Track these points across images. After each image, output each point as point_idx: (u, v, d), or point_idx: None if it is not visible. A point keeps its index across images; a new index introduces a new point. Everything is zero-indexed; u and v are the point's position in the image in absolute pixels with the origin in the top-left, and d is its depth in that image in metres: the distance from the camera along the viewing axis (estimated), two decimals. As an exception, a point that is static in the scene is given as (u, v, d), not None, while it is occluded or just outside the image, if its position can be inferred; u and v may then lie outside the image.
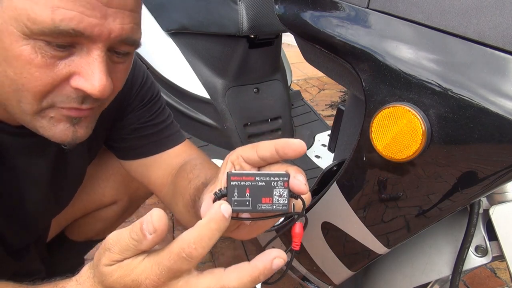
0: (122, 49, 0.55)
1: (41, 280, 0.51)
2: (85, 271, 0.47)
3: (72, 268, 0.59)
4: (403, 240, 0.62)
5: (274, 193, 0.42)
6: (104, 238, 0.44)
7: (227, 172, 0.42)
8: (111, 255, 0.42)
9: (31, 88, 0.50)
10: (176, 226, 1.70)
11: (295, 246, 0.44)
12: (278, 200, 0.42)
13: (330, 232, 0.72)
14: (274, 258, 0.40)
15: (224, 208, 0.40)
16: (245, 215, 0.46)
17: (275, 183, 0.42)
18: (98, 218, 1.04)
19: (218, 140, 1.40)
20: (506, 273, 1.44)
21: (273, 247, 0.42)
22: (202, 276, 0.41)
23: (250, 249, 1.56)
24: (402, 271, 0.75)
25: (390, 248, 0.64)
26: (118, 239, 0.42)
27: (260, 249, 1.03)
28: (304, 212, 0.44)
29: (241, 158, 0.49)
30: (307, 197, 0.45)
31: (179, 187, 0.75)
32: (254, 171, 0.46)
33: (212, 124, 1.38)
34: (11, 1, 0.46)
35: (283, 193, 0.42)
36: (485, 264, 0.71)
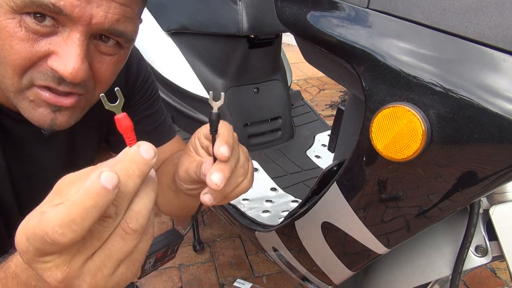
0: (110, 37, 0.55)
1: None
2: None
3: None
4: (403, 240, 0.62)
5: None
6: None
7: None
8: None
9: (11, 61, 0.51)
10: (176, 225, 1.71)
11: (131, 142, 0.40)
12: None
13: (330, 232, 0.72)
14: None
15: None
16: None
17: None
18: None
19: (218, 140, 1.40)
20: (506, 273, 1.44)
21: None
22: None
23: (250, 249, 1.56)
24: (402, 271, 0.75)
25: (390, 248, 0.64)
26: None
27: (261, 249, 1.03)
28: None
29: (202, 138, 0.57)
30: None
31: (165, 171, 0.77)
32: None
33: (212, 124, 1.38)
34: None
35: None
36: (485, 264, 0.71)
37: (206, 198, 0.53)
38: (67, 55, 0.51)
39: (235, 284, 1.37)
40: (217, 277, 1.44)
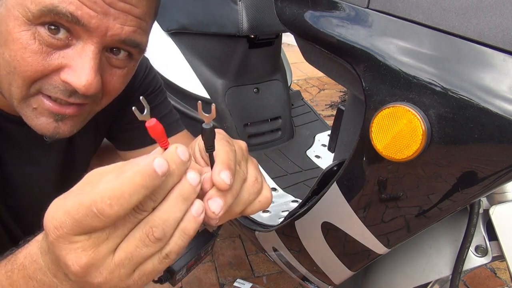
0: (123, 49, 0.55)
1: None
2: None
3: None
4: (403, 240, 0.62)
5: None
6: None
7: None
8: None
9: (21, 72, 0.51)
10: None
11: (165, 145, 0.40)
12: None
13: (330, 232, 0.72)
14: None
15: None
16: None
17: None
18: None
19: (218, 140, 1.40)
20: (506, 273, 1.44)
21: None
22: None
23: (250, 249, 1.56)
24: (402, 271, 0.75)
25: (390, 248, 0.64)
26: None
27: (261, 249, 1.03)
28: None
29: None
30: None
31: None
32: None
33: (212, 124, 1.38)
34: None
35: None
36: (485, 264, 0.71)
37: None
38: (80, 68, 0.51)
39: (235, 284, 1.37)
40: (217, 277, 1.44)
